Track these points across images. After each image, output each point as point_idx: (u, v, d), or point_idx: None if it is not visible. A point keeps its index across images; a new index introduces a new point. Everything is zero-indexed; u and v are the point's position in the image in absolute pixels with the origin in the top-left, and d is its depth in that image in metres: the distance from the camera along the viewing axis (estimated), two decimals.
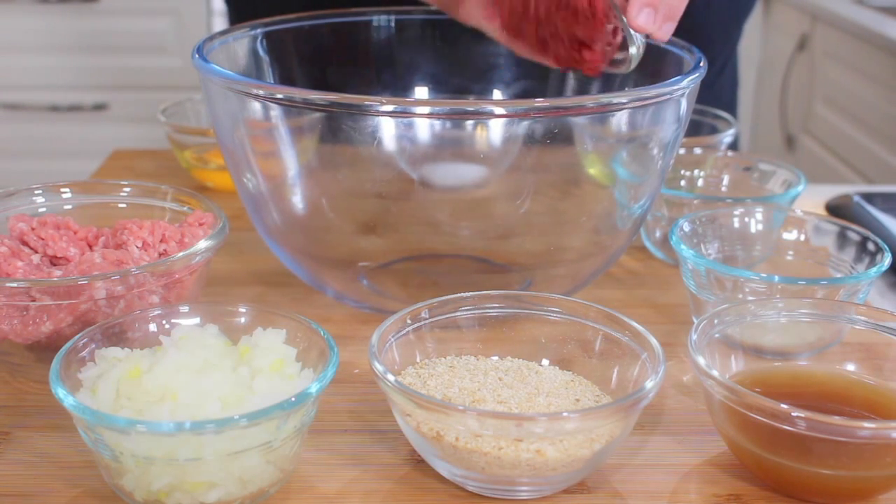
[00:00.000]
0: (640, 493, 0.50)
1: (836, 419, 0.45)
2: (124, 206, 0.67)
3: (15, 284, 0.54)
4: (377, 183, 0.63)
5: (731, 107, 1.08)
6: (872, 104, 1.86)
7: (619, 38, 0.63)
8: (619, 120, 0.59)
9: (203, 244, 0.58)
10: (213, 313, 0.54)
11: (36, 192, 0.66)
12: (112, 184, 0.68)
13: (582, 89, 0.77)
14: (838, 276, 0.66)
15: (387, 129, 0.58)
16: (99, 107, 2.10)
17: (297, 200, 0.64)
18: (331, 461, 0.52)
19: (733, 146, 0.89)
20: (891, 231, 0.80)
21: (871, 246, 0.64)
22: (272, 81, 0.75)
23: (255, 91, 0.57)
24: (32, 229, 0.60)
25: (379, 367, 0.48)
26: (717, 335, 0.54)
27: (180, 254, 0.57)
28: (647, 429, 0.55)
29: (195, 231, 0.61)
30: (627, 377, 0.53)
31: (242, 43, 0.72)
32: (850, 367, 0.56)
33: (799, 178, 0.76)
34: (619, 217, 0.65)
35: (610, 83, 0.75)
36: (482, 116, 0.57)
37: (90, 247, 0.61)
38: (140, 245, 0.59)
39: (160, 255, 0.59)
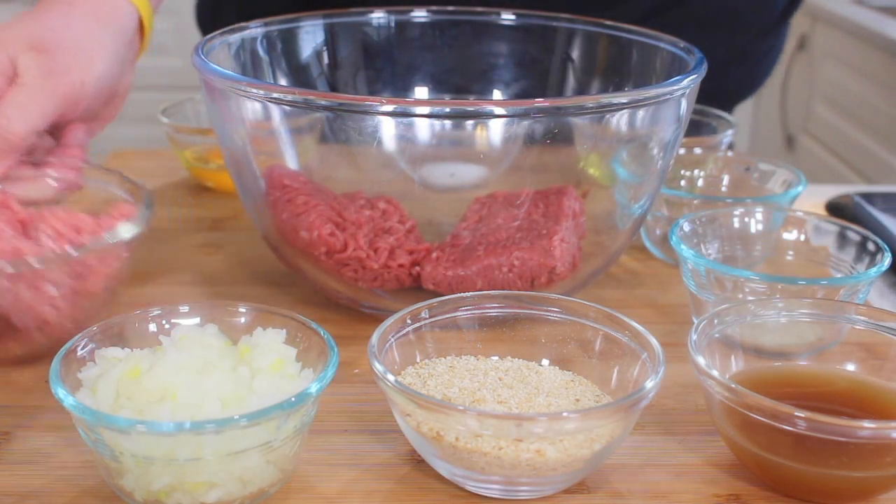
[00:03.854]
0: (640, 493, 0.50)
1: (836, 419, 0.45)
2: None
3: None
4: (377, 183, 0.63)
5: (765, 75, 1.07)
6: (872, 104, 1.86)
7: None
8: (619, 120, 0.59)
9: (100, 243, 0.57)
10: (213, 313, 0.54)
11: None
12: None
13: (582, 89, 0.77)
14: (838, 276, 0.66)
15: (387, 129, 0.58)
16: None
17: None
18: (331, 461, 0.52)
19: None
20: (891, 231, 0.80)
21: (871, 246, 0.64)
22: (272, 81, 0.75)
23: (255, 91, 0.57)
24: None
25: (379, 367, 0.48)
26: (717, 335, 0.54)
27: (88, 245, 0.56)
28: (647, 429, 0.55)
29: (113, 224, 0.60)
30: (627, 377, 0.53)
31: (242, 43, 0.72)
32: (850, 367, 0.56)
33: (799, 178, 0.75)
34: (619, 217, 0.65)
35: (610, 83, 0.75)
36: (482, 116, 0.57)
37: (24, 229, 0.60)
38: (52, 234, 0.58)
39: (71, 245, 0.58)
